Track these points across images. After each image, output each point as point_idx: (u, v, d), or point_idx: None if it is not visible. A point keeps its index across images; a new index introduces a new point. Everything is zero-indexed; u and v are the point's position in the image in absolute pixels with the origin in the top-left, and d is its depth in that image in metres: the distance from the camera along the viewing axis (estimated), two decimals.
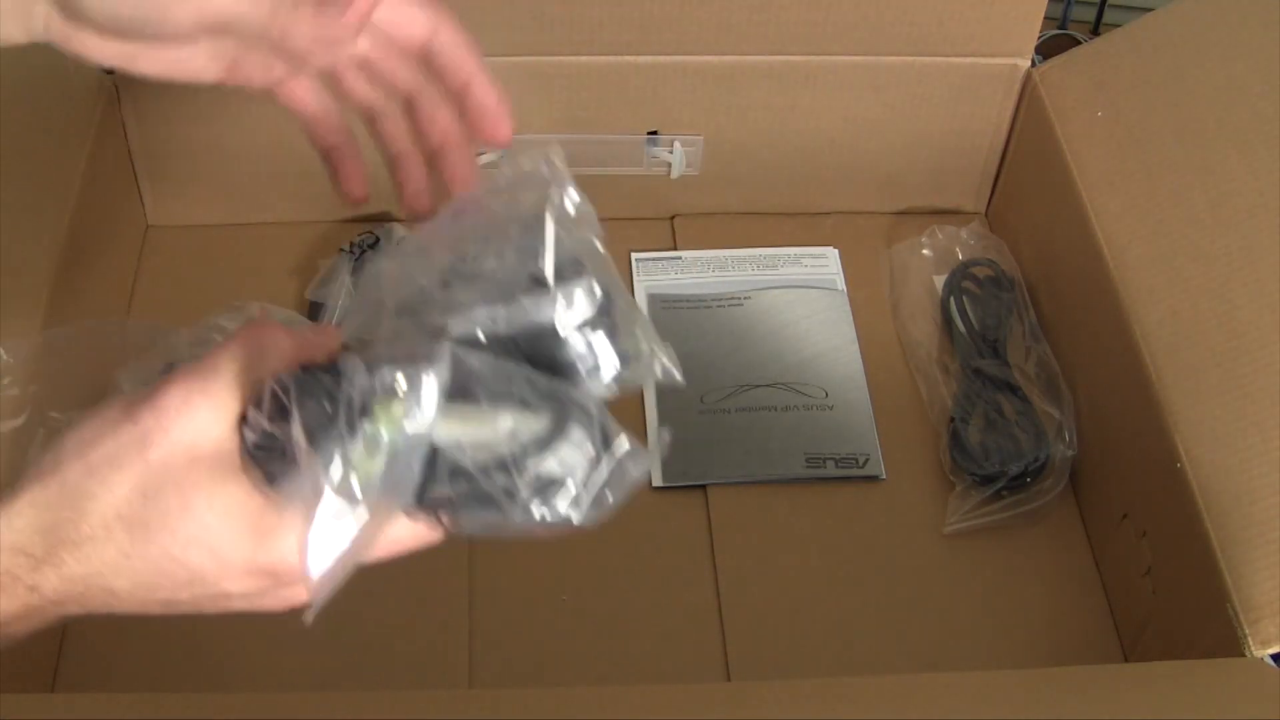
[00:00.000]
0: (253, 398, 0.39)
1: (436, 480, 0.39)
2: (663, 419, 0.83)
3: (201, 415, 0.38)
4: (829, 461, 0.81)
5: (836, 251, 0.93)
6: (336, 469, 0.37)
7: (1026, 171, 0.90)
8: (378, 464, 0.38)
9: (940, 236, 0.91)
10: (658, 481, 0.81)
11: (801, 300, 0.90)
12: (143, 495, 0.38)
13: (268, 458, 0.39)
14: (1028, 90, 0.87)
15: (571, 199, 0.42)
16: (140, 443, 0.38)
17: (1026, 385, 0.82)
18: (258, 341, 0.39)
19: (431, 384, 0.37)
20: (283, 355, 0.40)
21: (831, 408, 0.84)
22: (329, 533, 0.39)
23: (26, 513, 0.38)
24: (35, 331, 0.72)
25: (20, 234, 0.74)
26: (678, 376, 0.43)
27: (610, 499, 0.41)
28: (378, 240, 0.89)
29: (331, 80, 0.49)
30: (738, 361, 0.86)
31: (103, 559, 0.38)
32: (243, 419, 0.39)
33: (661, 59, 0.85)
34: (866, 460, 0.81)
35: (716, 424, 0.83)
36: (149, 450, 0.38)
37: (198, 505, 0.38)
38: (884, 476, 0.81)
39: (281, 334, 0.40)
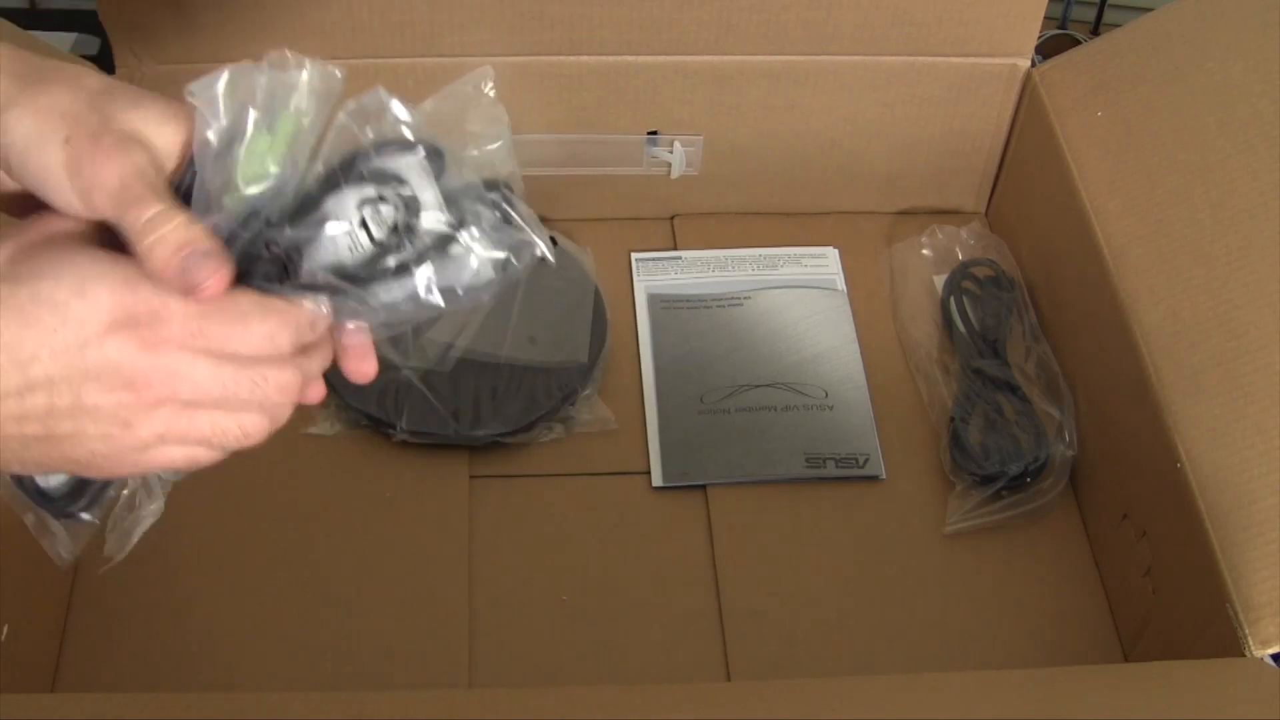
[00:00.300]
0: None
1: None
2: (663, 419, 0.83)
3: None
4: (829, 461, 0.81)
5: (836, 251, 0.93)
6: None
7: (1026, 171, 0.90)
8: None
9: (940, 236, 0.91)
10: (658, 482, 0.81)
11: (801, 300, 0.90)
12: (13, 261, 0.40)
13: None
14: (1028, 90, 0.87)
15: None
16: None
17: (1026, 385, 0.82)
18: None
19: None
20: None
21: (831, 408, 0.84)
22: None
23: None
24: None
25: None
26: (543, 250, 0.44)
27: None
28: None
29: None
30: (737, 361, 0.86)
31: None
32: None
33: (661, 59, 0.85)
34: (866, 460, 0.82)
35: (716, 424, 0.83)
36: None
37: (68, 255, 0.40)
38: (884, 476, 0.81)
39: None
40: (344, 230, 0.42)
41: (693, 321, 0.89)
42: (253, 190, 0.42)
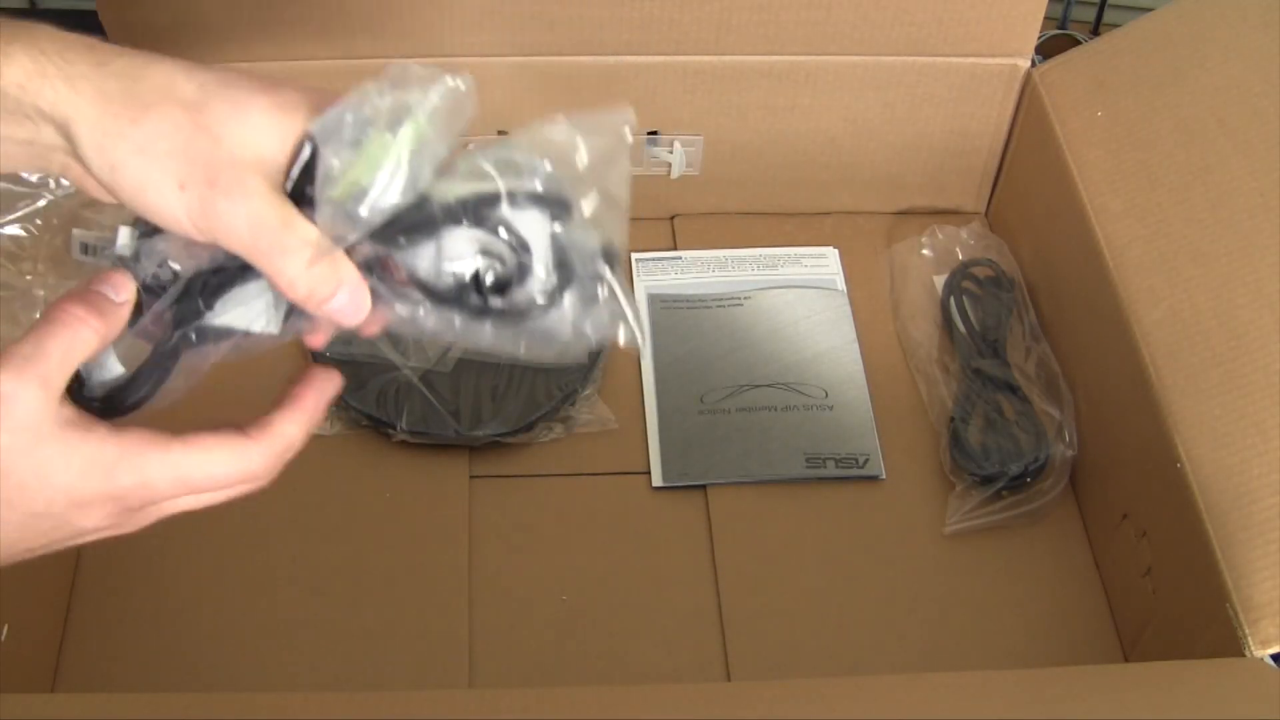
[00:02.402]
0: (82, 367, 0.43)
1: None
2: (663, 419, 0.83)
3: (31, 398, 0.41)
4: (829, 461, 0.81)
5: (836, 251, 0.93)
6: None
7: (1026, 171, 0.90)
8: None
9: (940, 236, 0.91)
10: (658, 482, 0.81)
11: (801, 300, 0.90)
12: None
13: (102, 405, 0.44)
14: (1028, 90, 0.87)
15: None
16: None
17: (1026, 385, 0.82)
18: (76, 319, 0.43)
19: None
20: (98, 340, 0.43)
21: (831, 408, 0.84)
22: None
23: None
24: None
25: None
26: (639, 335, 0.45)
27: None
28: None
29: None
30: (738, 361, 0.86)
31: None
32: (69, 390, 0.43)
33: (661, 59, 0.85)
34: (866, 460, 0.81)
35: (716, 424, 0.83)
36: None
37: (51, 471, 0.42)
38: (884, 476, 0.81)
39: (95, 314, 0.43)
40: (456, 272, 0.43)
41: (693, 321, 0.89)
42: (369, 203, 0.42)
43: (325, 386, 0.46)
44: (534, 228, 0.43)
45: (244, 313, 0.45)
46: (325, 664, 0.72)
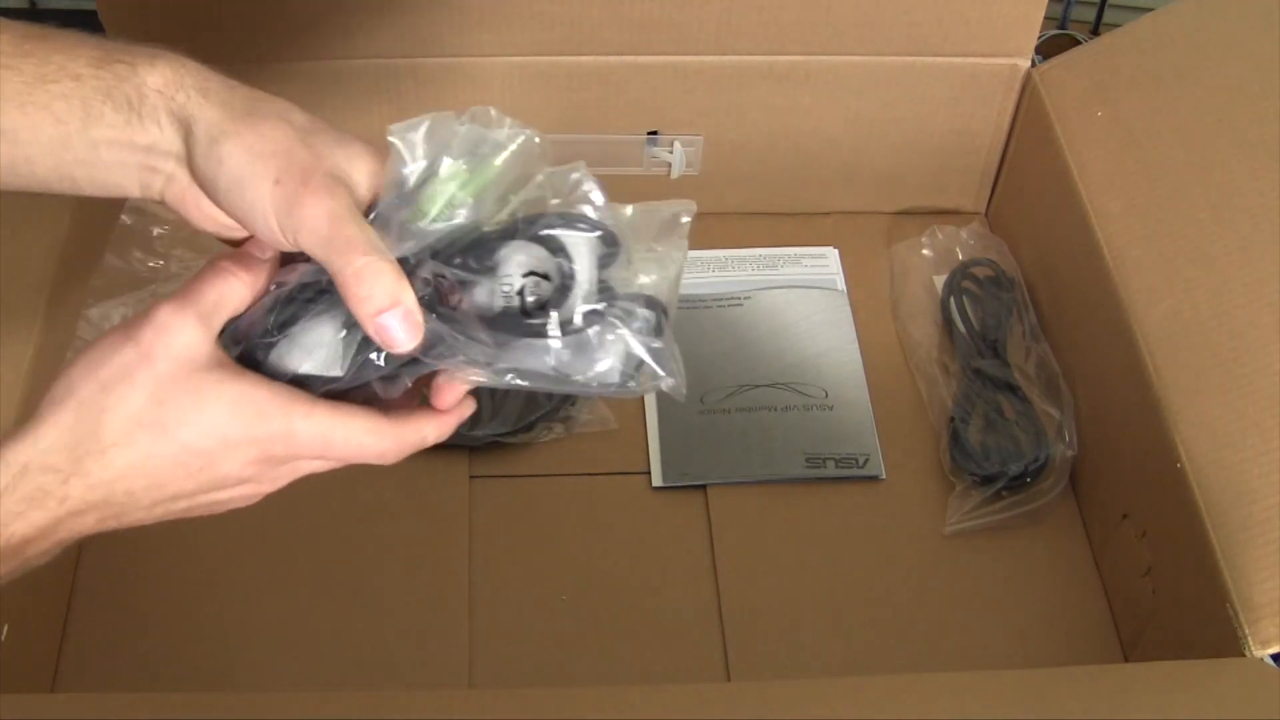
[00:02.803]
0: (232, 317, 0.46)
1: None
2: (663, 419, 0.83)
3: (190, 332, 0.44)
4: (829, 461, 0.81)
5: (836, 251, 0.93)
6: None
7: (1026, 171, 0.90)
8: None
9: (940, 236, 0.91)
10: (658, 482, 0.81)
11: (801, 300, 0.90)
12: (158, 402, 0.44)
13: (252, 360, 0.46)
14: (1028, 90, 0.87)
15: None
16: (146, 358, 0.44)
17: (1026, 385, 0.82)
18: (227, 271, 0.46)
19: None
20: (248, 290, 0.46)
21: (831, 408, 0.84)
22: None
23: (50, 434, 0.44)
24: (34, 332, 0.71)
25: (20, 234, 0.74)
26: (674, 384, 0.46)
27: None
28: None
29: None
30: (738, 361, 0.86)
31: (127, 461, 0.44)
32: (221, 333, 0.45)
33: (661, 59, 0.85)
34: (866, 460, 0.81)
35: (716, 424, 0.83)
36: (155, 364, 0.44)
37: (208, 401, 0.44)
38: (884, 476, 0.81)
39: (244, 273, 0.46)
40: (504, 290, 0.45)
41: (693, 322, 0.89)
42: (435, 225, 0.44)
43: (464, 410, 0.50)
44: (581, 248, 0.45)
45: (307, 351, 0.46)
46: (325, 664, 0.72)
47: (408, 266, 0.44)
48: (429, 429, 0.49)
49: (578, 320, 0.44)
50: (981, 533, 0.78)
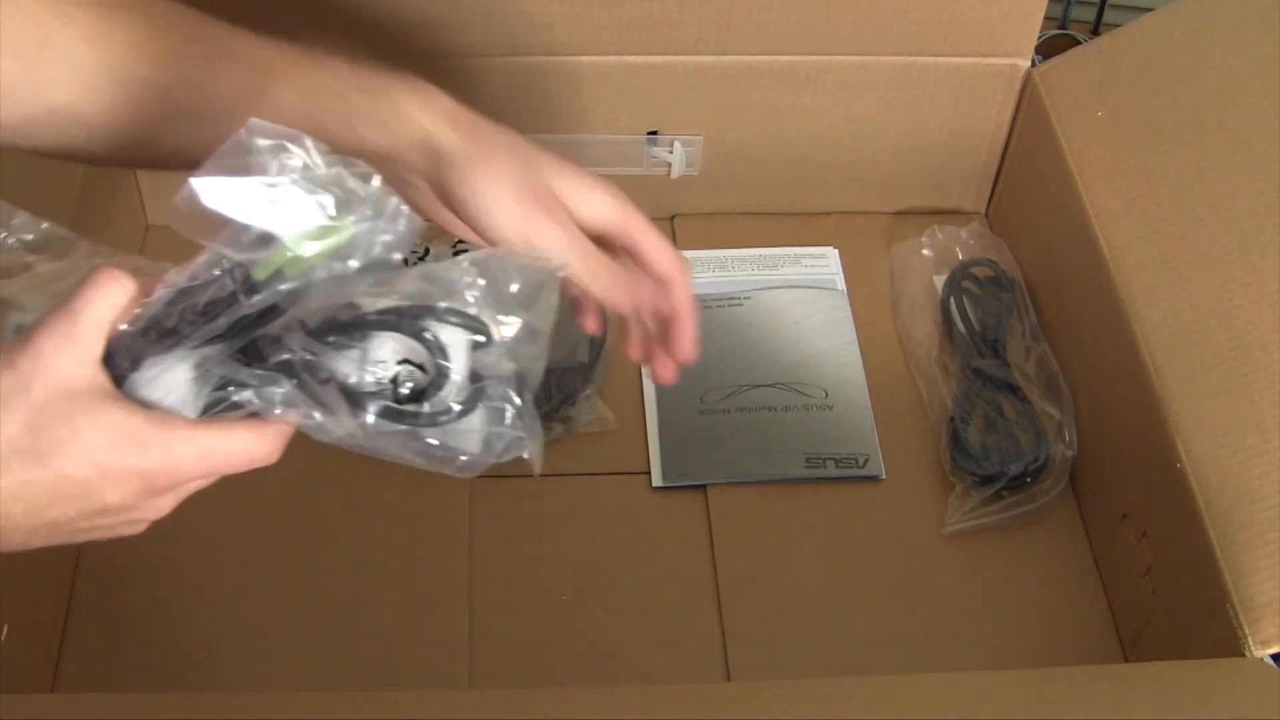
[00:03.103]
0: (113, 338, 0.45)
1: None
2: (663, 419, 0.83)
3: (70, 357, 0.44)
4: (829, 461, 0.81)
5: (836, 251, 0.93)
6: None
7: (1026, 171, 0.90)
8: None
9: (940, 236, 0.91)
10: (658, 482, 0.81)
11: (801, 300, 0.90)
12: (32, 430, 0.43)
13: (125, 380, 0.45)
14: (1028, 90, 0.87)
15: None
16: (23, 385, 0.43)
17: (1026, 385, 0.82)
18: (108, 286, 0.45)
19: None
20: (130, 297, 0.45)
21: (831, 408, 0.84)
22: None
23: None
24: None
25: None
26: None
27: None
28: None
29: None
30: (738, 361, 0.86)
31: (3, 487, 0.43)
32: (105, 357, 0.44)
33: (661, 59, 0.85)
34: (866, 460, 0.81)
35: (716, 424, 0.83)
36: (32, 391, 0.43)
37: (83, 429, 0.44)
38: (883, 476, 0.81)
39: (126, 280, 0.45)
40: (376, 374, 0.45)
41: None
42: (283, 285, 0.43)
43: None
44: (456, 342, 0.46)
45: (163, 391, 0.45)
46: (325, 664, 0.72)
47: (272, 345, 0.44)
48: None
49: (449, 414, 0.46)
50: (981, 533, 0.78)
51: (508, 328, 0.46)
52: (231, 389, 0.45)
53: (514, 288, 0.46)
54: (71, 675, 0.71)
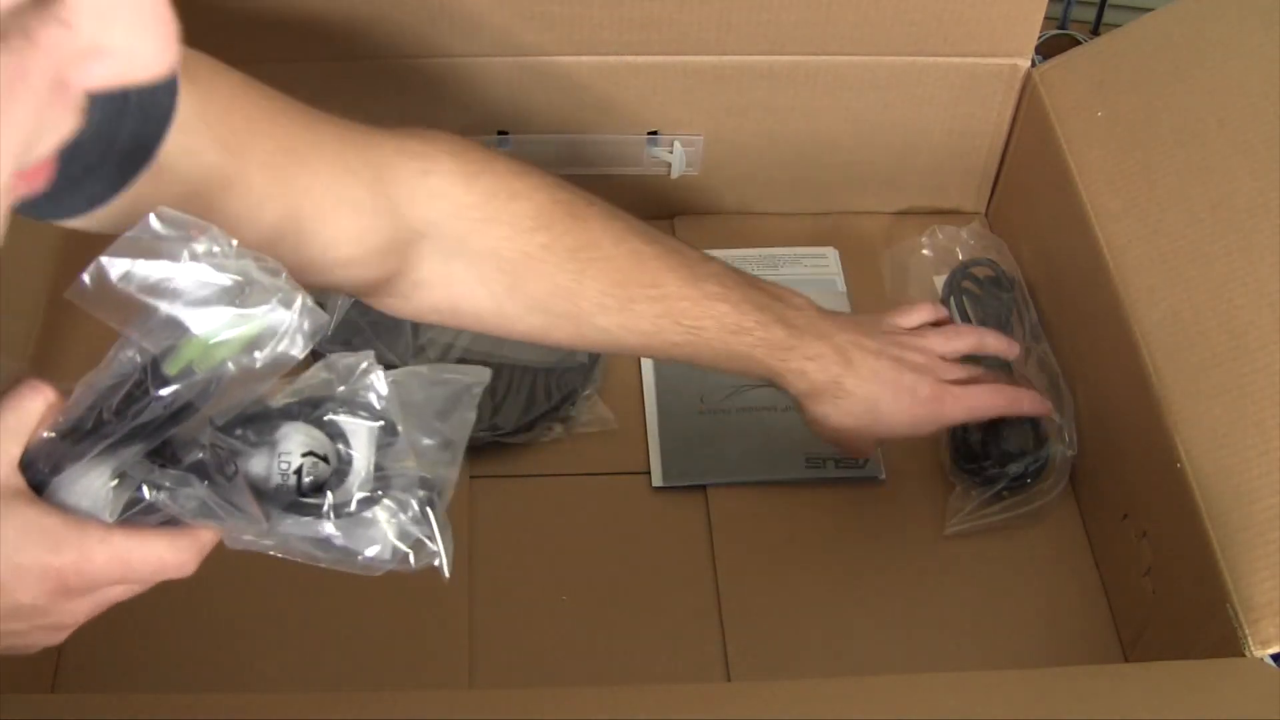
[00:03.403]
0: (33, 444, 0.45)
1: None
2: (663, 419, 0.83)
3: None
4: (829, 462, 0.81)
5: (836, 252, 0.93)
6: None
7: (1026, 171, 0.90)
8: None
9: (940, 236, 0.91)
10: (658, 482, 0.81)
11: None
12: None
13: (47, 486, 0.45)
14: (1028, 90, 0.87)
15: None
16: None
17: (1026, 386, 0.82)
18: (27, 396, 0.45)
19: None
20: (49, 405, 0.45)
21: None
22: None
23: None
24: (34, 332, 0.72)
25: (20, 236, 0.73)
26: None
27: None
28: None
29: None
30: None
31: None
32: (25, 464, 0.45)
33: (661, 59, 0.85)
34: (866, 461, 0.81)
35: (716, 424, 0.83)
36: None
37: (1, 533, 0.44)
38: (883, 477, 0.81)
39: (48, 390, 0.46)
40: (281, 467, 0.46)
41: None
42: (194, 379, 0.43)
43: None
44: (358, 432, 0.46)
45: (79, 496, 0.45)
46: (325, 664, 0.72)
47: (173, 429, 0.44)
48: (208, 534, 0.48)
49: (352, 505, 0.46)
50: (981, 533, 0.78)
51: (425, 438, 0.47)
52: (147, 490, 0.44)
53: (431, 404, 0.47)
54: (71, 675, 0.71)
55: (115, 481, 0.45)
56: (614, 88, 0.86)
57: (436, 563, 0.48)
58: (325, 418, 0.46)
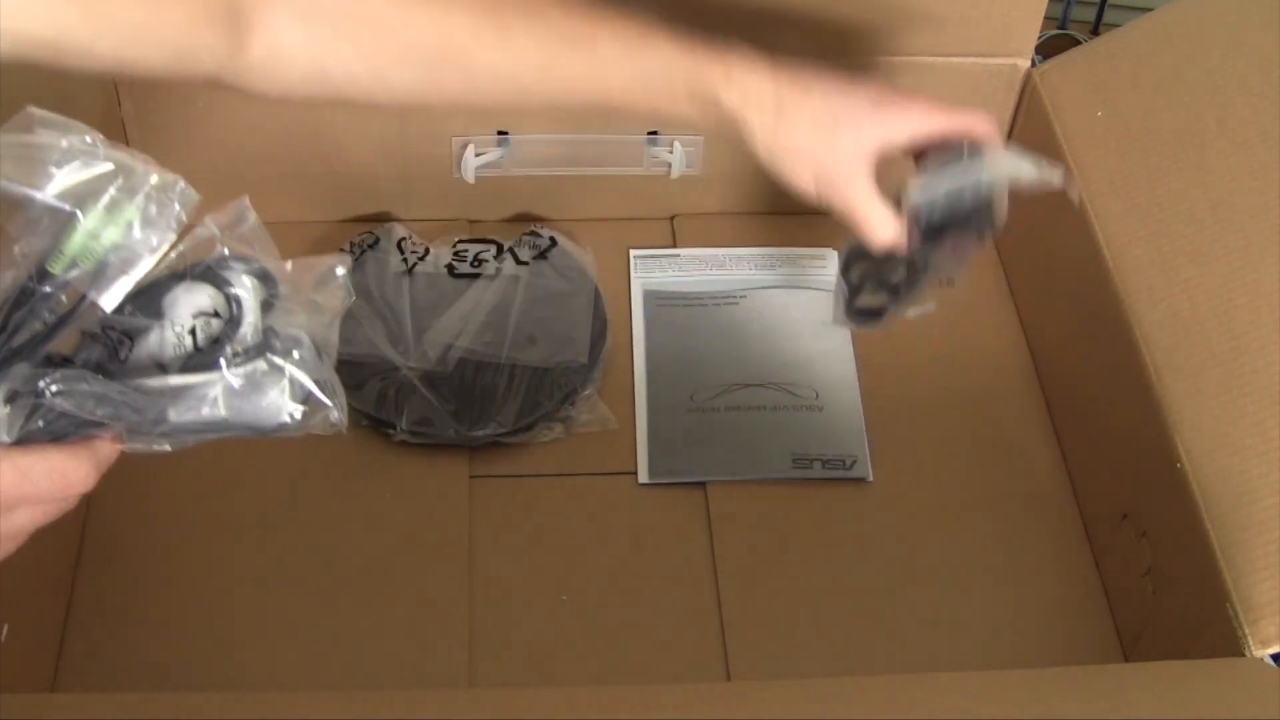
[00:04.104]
0: None
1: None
2: (652, 416, 0.83)
3: None
4: (816, 463, 0.81)
5: (835, 253, 0.93)
6: None
7: None
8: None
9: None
10: (643, 478, 0.80)
11: (797, 301, 0.90)
12: None
13: None
14: (1028, 90, 0.87)
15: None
16: None
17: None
18: None
19: None
20: None
21: (821, 409, 0.84)
22: None
23: None
24: None
25: None
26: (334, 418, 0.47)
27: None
28: (378, 240, 0.89)
29: None
30: (730, 360, 0.86)
31: None
32: None
33: None
34: (854, 462, 0.81)
35: (705, 422, 0.83)
36: None
37: None
38: (870, 479, 0.81)
39: None
40: (174, 335, 0.46)
41: (687, 319, 0.89)
42: (76, 271, 0.44)
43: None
44: (246, 284, 0.46)
45: None
46: (325, 664, 0.72)
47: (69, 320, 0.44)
48: (107, 447, 0.47)
49: (246, 352, 0.46)
50: (981, 533, 0.79)
51: (297, 291, 0.47)
52: (43, 400, 0.44)
53: (295, 276, 0.47)
54: (71, 675, 0.71)
55: (8, 402, 0.44)
56: None
57: (333, 418, 0.47)
58: (210, 272, 0.46)
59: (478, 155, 0.89)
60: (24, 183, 0.43)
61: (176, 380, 0.45)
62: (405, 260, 0.88)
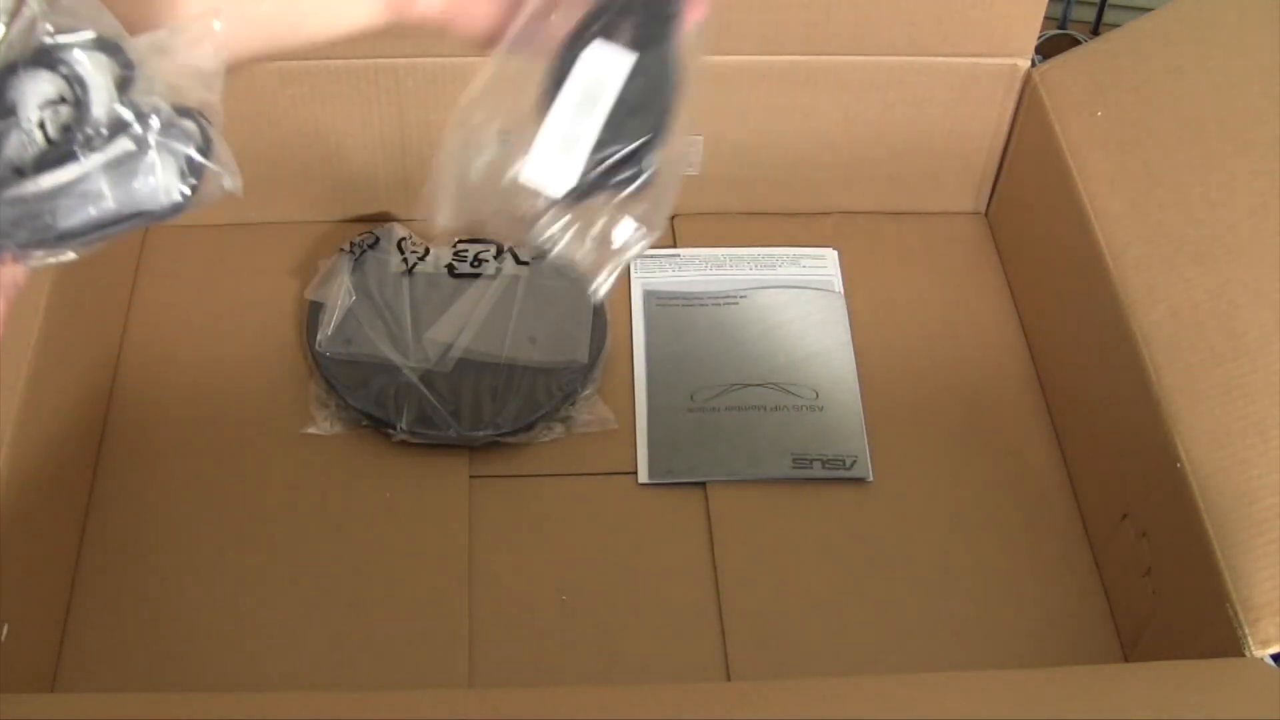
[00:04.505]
0: None
1: None
2: (652, 416, 0.83)
3: None
4: (815, 463, 0.81)
5: (835, 253, 0.93)
6: None
7: (1026, 171, 0.90)
8: None
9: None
10: (643, 478, 0.80)
11: (797, 300, 0.90)
12: None
13: None
14: (1028, 90, 0.87)
15: None
16: None
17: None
18: None
19: None
20: None
21: (821, 409, 0.84)
22: None
23: None
24: (33, 334, 0.71)
25: None
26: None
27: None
28: (378, 240, 0.89)
29: None
30: (730, 360, 0.86)
31: None
32: None
33: None
34: (854, 462, 0.81)
35: (704, 422, 0.83)
36: None
37: None
38: (870, 479, 0.81)
39: None
40: (24, 134, 0.42)
41: (687, 319, 0.89)
42: None
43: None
44: (86, 60, 0.42)
45: None
46: (325, 664, 0.72)
47: None
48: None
49: (99, 134, 0.42)
50: (981, 533, 0.79)
51: (171, 59, 0.44)
52: None
53: (168, 33, 0.44)
54: (71, 675, 0.71)
55: None
56: None
57: (226, 184, 0.44)
58: (46, 55, 0.42)
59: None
60: None
61: (48, 182, 0.42)
62: (405, 260, 0.88)
